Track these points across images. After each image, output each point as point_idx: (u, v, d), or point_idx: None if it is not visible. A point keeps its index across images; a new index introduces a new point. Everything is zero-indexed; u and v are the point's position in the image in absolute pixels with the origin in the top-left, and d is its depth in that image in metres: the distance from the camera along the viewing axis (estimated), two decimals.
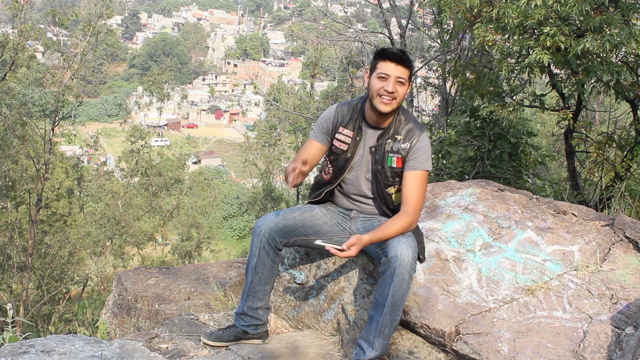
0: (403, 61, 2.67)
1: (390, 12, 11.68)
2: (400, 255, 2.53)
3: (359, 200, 2.89)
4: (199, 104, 68.16)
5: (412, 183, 2.73)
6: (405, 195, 2.72)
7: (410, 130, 2.77)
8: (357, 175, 2.85)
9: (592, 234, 3.29)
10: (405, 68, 2.68)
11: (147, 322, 3.81)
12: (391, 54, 2.69)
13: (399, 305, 2.58)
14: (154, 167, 25.09)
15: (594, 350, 2.57)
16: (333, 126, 2.85)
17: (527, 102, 7.91)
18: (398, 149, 2.75)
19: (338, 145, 2.84)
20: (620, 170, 6.73)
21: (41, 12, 22.12)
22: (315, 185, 2.99)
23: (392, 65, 2.67)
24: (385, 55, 2.69)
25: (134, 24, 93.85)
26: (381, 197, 2.82)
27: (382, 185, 2.80)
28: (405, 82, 2.70)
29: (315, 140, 2.87)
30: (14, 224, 16.72)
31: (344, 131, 2.83)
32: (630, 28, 5.54)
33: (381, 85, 2.67)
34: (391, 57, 2.67)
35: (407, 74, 2.69)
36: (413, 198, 2.70)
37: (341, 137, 2.83)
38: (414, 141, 2.75)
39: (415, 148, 2.74)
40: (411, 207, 2.69)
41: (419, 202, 2.71)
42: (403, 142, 2.75)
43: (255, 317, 2.85)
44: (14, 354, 2.45)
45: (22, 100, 17.74)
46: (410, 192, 2.72)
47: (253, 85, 17.25)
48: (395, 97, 2.68)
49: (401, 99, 2.72)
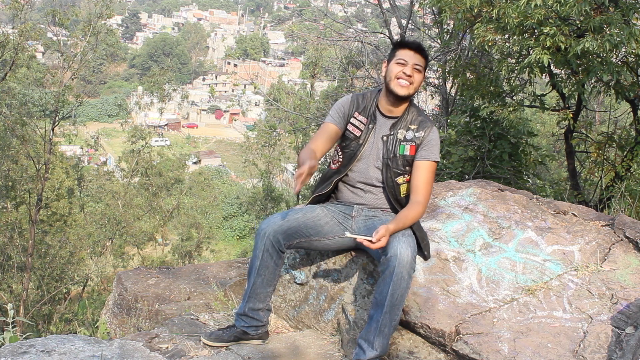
0: (421, 50, 2.82)
1: (390, 12, 11.68)
2: (400, 255, 2.54)
3: (366, 189, 2.91)
4: (199, 104, 68.15)
5: (423, 173, 2.82)
6: (416, 185, 2.81)
7: (423, 121, 2.88)
8: (366, 164, 2.89)
9: (592, 234, 3.29)
10: (422, 57, 2.82)
11: (147, 322, 3.81)
12: (410, 42, 2.85)
13: (398, 304, 2.58)
14: (154, 167, 25.09)
15: (594, 350, 2.57)
16: (350, 111, 2.93)
17: (527, 102, 7.91)
18: (412, 137, 2.85)
19: (352, 130, 2.91)
20: (620, 170, 6.73)
21: (41, 12, 22.11)
22: (323, 177, 3.02)
23: (411, 53, 2.81)
24: (404, 44, 2.84)
25: (134, 24, 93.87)
26: (390, 187, 2.86)
27: (393, 173, 2.85)
28: (422, 70, 2.83)
29: (332, 123, 2.92)
30: (14, 224, 16.72)
31: (359, 117, 2.92)
32: (630, 28, 5.53)
33: (400, 69, 2.80)
34: (410, 46, 2.82)
35: (423, 63, 2.83)
36: (424, 188, 2.80)
37: (355, 122, 2.92)
38: (427, 131, 2.85)
39: (429, 138, 2.85)
40: (422, 197, 2.79)
41: (428, 192, 2.82)
42: (417, 132, 2.85)
43: (256, 318, 2.85)
44: (14, 354, 2.45)
45: (22, 100, 17.72)
46: (421, 181, 2.81)
47: (253, 85, 17.26)
48: (412, 81, 2.80)
49: (417, 86, 2.83)
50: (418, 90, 2.88)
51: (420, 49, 2.82)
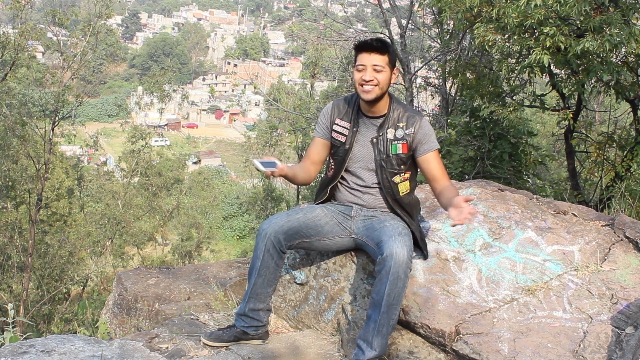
0: (377, 48, 2.73)
1: (390, 12, 11.67)
2: (395, 254, 2.55)
3: (364, 191, 2.92)
4: (199, 104, 68.17)
5: (434, 162, 2.85)
6: (434, 175, 2.84)
7: (411, 117, 2.86)
8: (359, 167, 2.90)
9: (592, 234, 3.29)
10: (380, 54, 2.73)
11: (147, 322, 3.81)
12: (364, 44, 2.75)
13: (395, 304, 2.58)
14: (154, 167, 25.10)
15: (594, 350, 2.57)
16: (331, 119, 2.93)
17: (527, 102, 7.91)
18: (402, 135, 2.84)
19: (336, 137, 2.92)
20: (620, 170, 6.73)
21: (41, 12, 22.08)
22: (320, 186, 3.04)
23: (367, 55, 2.74)
24: (360, 47, 2.77)
25: (134, 24, 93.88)
26: (387, 187, 2.87)
27: (389, 174, 2.86)
28: (384, 68, 2.74)
29: (317, 137, 2.97)
30: (14, 224, 16.72)
31: (341, 122, 2.92)
32: (630, 28, 5.53)
33: (359, 75, 2.75)
34: (364, 48, 2.75)
35: (384, 60, 2.74)
36: (443, 173, 2.86)
37: (338, 129, 2.92)
38: (417, 126, 2.84)
39: (421, 132, 2.84)
40: (447, 179, 2.84)
41: (447, 174, 2.88)
42: (407, 129, 2.84)
43: (256, 318, 2.85)
44: (14, 354, 2.45)
45: (22, 100, 17.71)
46: (437, 169, 2.85)
47: (253, 85, 17.26)
48: (375, 84, 2.74)
49: (385, 85, 2.77)
50: (390, 85, 2.82)
51: (376, 47, 2.73)
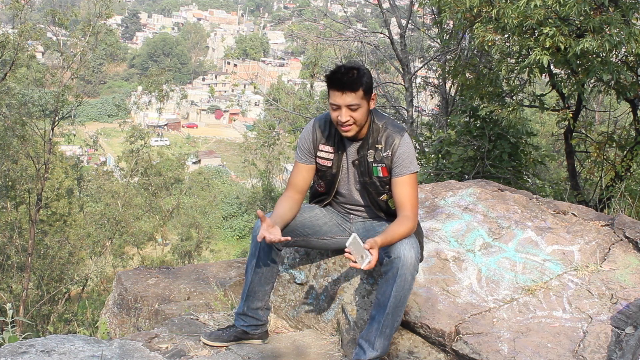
0: (349, 86, 2.56)
1: (390, 12, 11.68)
2: (404, 256, 2.54)
3: (355, 209, 2.91)
4: (198, 104, 68.12)
5: (402, 188, 2.70)
6: (400, 201, 2.70)
7: (390, 137, 2.71)
8: (348, 188, 2.86)
9: (592, 234, 3.29)
10: (352, 92, 2.57)
11: (147, 322, 3.81)
12: (335, 81, 2.58)
13: (401, 305, 2.59)
14: (154, 167, 25.08)
15: (594, 350, 2.57)
16: (313, 145, 2.81)
17: (527, 102, 7.91)
18: (381, 158, 2.72)
19: (322, 163, 2.82)
20: (620, 170, 6.73)
21: (41, 12, 22.11)
22: (313, 195, 3.01)
23: (339, 94, 2.58)
24: (330, 84, 2.60)
25: (134, 24, 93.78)
26: (375, 206, 2.84)
27: (374, 194, 2.80)
28: (360, 105, 2.59)
29: (300, 163, 2.84)
30: (14, 224, 16.72)
31: (325, 148, 2.80)
32: (630, 28, 5.53)
33: (335, 114, 2.63)
34: (335, 86, 2.59)
35: (358, 97, 2.58)
36: (408, 202, 2.69)
37: (323, 155, 2.81)
38: (395, 147, 2.70)
39: (397, 154, 2.70)
40: (409, 211, 2.67)
41: (414, 205, 2.70)
42: (384, 151, 2.71)
43: (255, 317, 2.85)
44: (14, 354, 2.45)
45: (22, 100, 17.71)
46: (404, 197, 2.70)
47: (253, 85, 17.25)
48: (352, 122, 2.62)
49: (363, 120, 2.65)
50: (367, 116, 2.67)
51: (347, 85, 2.55)
